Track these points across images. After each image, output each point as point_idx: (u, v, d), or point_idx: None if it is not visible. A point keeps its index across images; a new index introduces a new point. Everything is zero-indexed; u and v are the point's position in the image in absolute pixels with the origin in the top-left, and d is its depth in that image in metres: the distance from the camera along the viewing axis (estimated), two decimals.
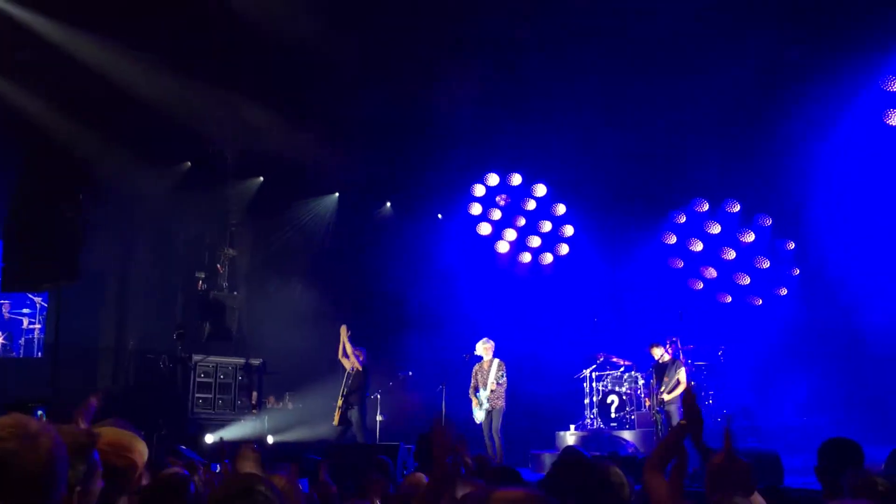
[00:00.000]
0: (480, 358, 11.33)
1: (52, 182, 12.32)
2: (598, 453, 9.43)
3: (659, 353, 11.03)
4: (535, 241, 15.70)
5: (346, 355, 11.47)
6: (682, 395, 3.78)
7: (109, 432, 2.64)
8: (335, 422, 11.22)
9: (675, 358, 11.03)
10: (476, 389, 11.04)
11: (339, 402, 11.25)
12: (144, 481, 3.46)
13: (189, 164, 14.18)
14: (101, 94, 11.97)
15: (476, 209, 15.67)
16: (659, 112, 12.82)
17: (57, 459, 1.84)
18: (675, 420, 10.30)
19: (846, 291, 12.72)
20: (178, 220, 13.71)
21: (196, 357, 13.12)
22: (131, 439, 2.80)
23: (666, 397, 10.63)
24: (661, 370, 10.91)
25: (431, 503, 2.86)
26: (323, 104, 13.28)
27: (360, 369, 11.31)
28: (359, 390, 11.28)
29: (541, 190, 15.48)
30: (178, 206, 13.59)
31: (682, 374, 10.73)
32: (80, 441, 2.16)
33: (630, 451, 11.31)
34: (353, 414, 11.16)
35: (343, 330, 11.50)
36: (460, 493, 3.33)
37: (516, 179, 15.51)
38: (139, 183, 13.22)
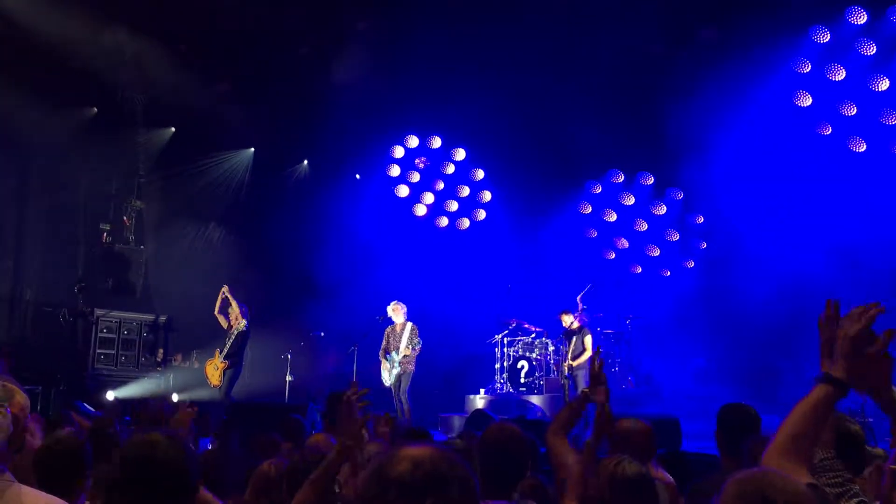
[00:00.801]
0: (393, 320, 11.28)
1: None
2: (506, 417, 9.55)
3: (569, 321, 11.26)
4: (452, 206, 15.68)
5: (223, 312, 11.04)
6: (589, 361, 3.85)
7: None
8: (215, 382, 10.79)
9: (582, 325, 11.27)
10: (387, 352, 10.98)
11: (219, 362, 10.83)
12: (31, 436, 3.29)
13: (95, 109, 13.51)
14: (2, 33, 11.26)
15: (395, 171, 15.53)
16: (579, 82, 12.92)
17: None
18: (581, 386, 10.60)
19: (748, 266, 13.18)
20: (81, 169, 13.07)
21: (98, 312, 12.66)
22: (22, 397, 2.67)
23: (573, 363, 10.87)
24: (570, 337, 11.16)
25: (340, 463, 2.83)
26: (240, 58, 12.87)
27: (244, 329, 10.90)
28: (240, 352, 10.89)
29: (460, 154, 15.44)
30: (82, 153, 12.96)
31: (588, 341, 10.98)
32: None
33: (538, 415, 11.50)
34: (228, 374, 10.78)
35: (225, 289, 11.07)
36: (368, 453, 3.30)
37: (436, 142, 15.42)
38: (41, 126, 12.51)
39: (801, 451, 2.09)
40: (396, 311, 11.22)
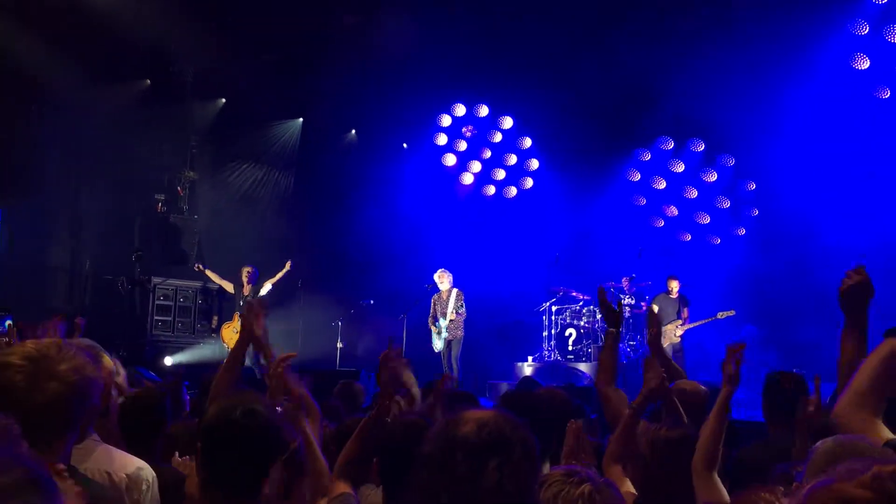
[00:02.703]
0: (439, 288, 11.46)
1: (3, 97, 11.89)
2: (554, 384, 9.61)
3: (676, 287, 11.46)
4: (499, 174, 15.65)
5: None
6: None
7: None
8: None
9: (682, 294, 11.63)
10: (435, 319, 11.17)
11: (238, 326, 11.08)
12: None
13: (148, 82, 13.75)
14: (55, 7, 11.49)
15: (442, 139, 15.54)
16: (628, 48, 12.73)
17: (70, 398, 1.86)
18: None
19: (801, 232, 12.96)
20: (136, 140, 13.33)
21: (155, 279, 12.98)
22: (106, 359, 2.81)
23: (680, 331, 11.11)
24: (675, 304, 11.47)
25: (376, 418, 2.99)
26: (288, 27, 12.94)
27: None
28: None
29: (507, 122, 15.37)
30: (136, 125, 13.21)
31: (686, 312, 11.21)
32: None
33: (585, 382, 11.54)
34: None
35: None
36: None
37: (483, 111, 15.36)
38: (96, 100, 12.78)
39: (872, 403, 2.13)
40: (442, 279, 11.42)
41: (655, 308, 11.01)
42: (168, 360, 11.87)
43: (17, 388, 1.85)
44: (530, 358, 12.90)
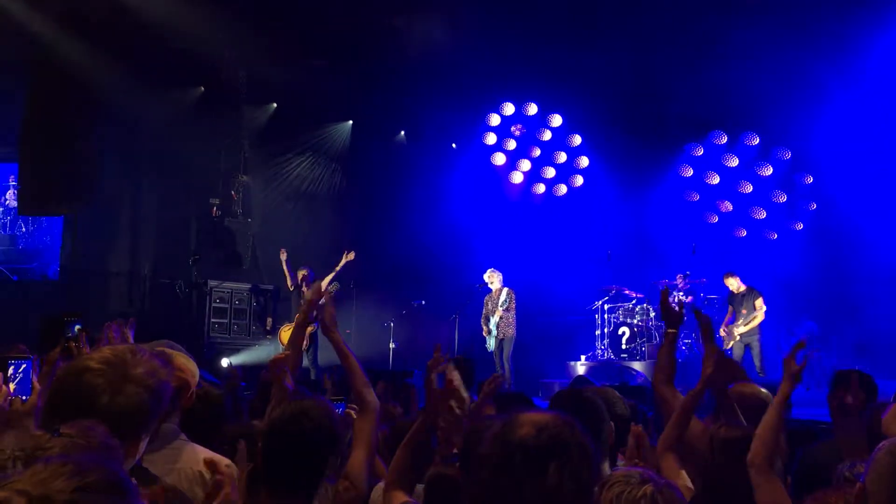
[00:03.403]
0: (490, 288, 11.47)
1: (64, 106, 12.24)
2: (607, 383, 9.54)
3: (735, 284, 11.18)
4: (549, 172, 15.56)
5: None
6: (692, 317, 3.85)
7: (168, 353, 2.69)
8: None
9: (751, 287, 11.26)
10: (487, 318, 11.17)
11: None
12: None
13: (202, 89, 14.03)
14: (110, 17, 11.78)
15: (491, 139, 15.51)
16: (679, 42, 12.56)
17: (148, 400, 1.93)
18: (757, 351, 10.63)
19: (860, 227, 12.63)
20: (191, 146, 13.62)
21: (212, 283, 13.24)
22: (185, 360, 2.88)
23: (745, 328, 10.84)
24: (739, 300, 11.19)
25: (423, 428, 2.94)
26: (336, 31, 13.07)
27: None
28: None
29: (556, 120, 15.27)
30: (191, 131, 13.49)
31: (759, 303, 10.95)
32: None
33: (640, 381, 11.42)
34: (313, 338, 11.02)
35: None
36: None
37: (532, 109, 15.29)
38: (151, 107, 13.09)
39: None
40: (492, 279, 11.44)
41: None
42: (224, 362, 12.09)
43: (98, 392, 1.91)
44: (583, 357, 12.82)
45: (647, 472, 1.81)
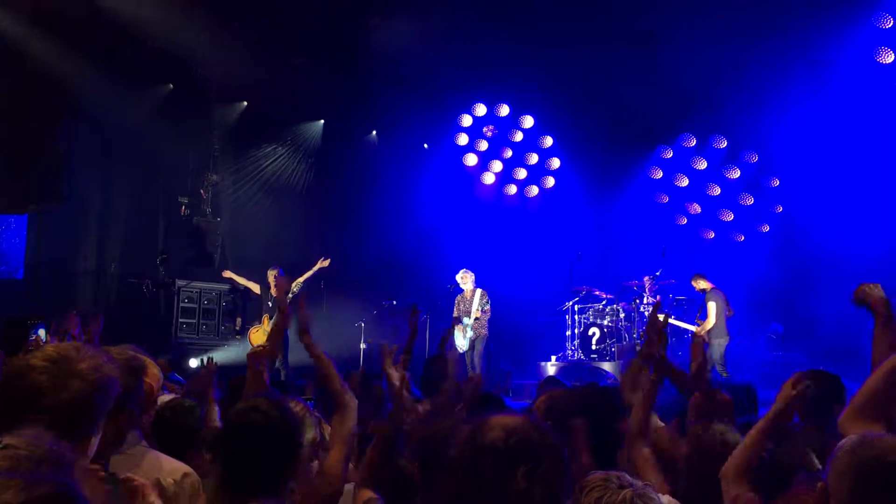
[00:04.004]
0: (462, 289, 11.49)
1: (32, 104, 12.05)
2: (578, 383, 9.58)
3: (702, 286, 11.25)
4: (521, 173, 15.63)
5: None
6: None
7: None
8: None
9: (712, 289, 11.25)
10: (460, 319, 11.19)
11: (268, 328, 11.19)
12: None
13: (171, 86, 13.87)
14: (80, 14, 11.62)
15: (463, 139, 15.54)
16: (649, 45, 12.67)
17: (93, 395, 1.91)
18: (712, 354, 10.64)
19: (826, 229, 12.84)
20: (160, 144, 13.47)
21: (180, 282, 13.09)
22: (148, 364, 2.85)
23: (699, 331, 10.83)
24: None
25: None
26: (308, 30, 13.00)
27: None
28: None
29: (528, 121, 15.34)
30: (160, 129, 13.34)
31: (709, 307, 10.94)
32: (134, 364, 2.22)
33: (609, 381, 11.49)
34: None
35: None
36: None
37: (504, 110, 15.35)
38: (120, 105, 12.93)
39: (877, 408, 2.11)
40: (465, 279, 11.47)
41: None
42: (193, 363, 11.96)
43: (43, 388, 1.90)
44: (554, 357, 12.88)
45: (625, 477, 1.82)
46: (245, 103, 14.59)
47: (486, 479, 1.67)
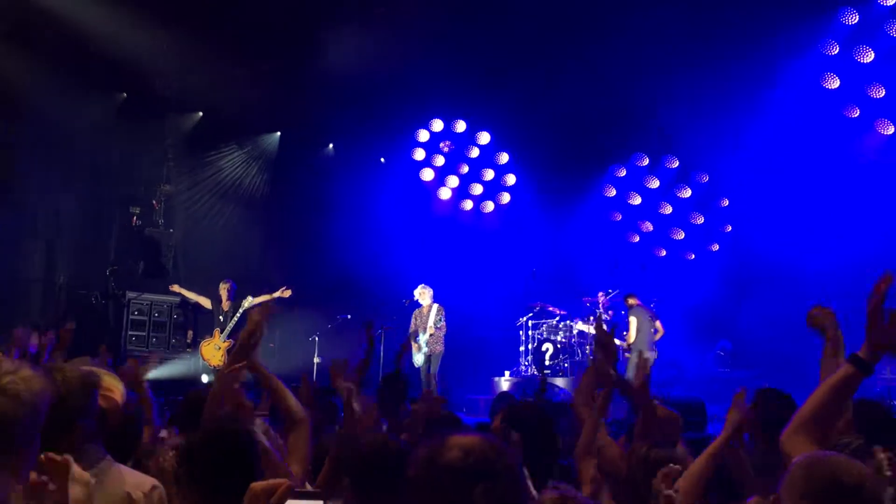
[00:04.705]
0: (420, 304, 11.50)
1: None
2: (525, 397, 9.66)
3: (630, 303, 11.59)
4: (477, 189, 15.73)
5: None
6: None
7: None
8: (217, 363, 11.00)
9: (639, 305, 11.74)
10: (416, 334, 11.20)
11: (220, 342, 11.17)
12: None
13: (125, 95, 13.67)
14: (31, 19, 11.42)
15: (420, 154, 15.58)
16: (603, 66, 12.89)
17: (16, 410, 1.87)
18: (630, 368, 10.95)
19: (774, 249, 13.15)
20: (112, 153, 13.25)
21: (130, 294, 12.86)
22: (111, 379, 2.81)
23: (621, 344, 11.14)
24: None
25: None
26: (264, 42, 12.95)
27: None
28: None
29: (485, 138, 15.46)
30: (112, 137, 13.13)
31: (631, 324, 11.23)
32: (87, 380, 2.20)
33: (562, 397, 11.59)
34: None
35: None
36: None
37: (461, 126, 15.44)
38: (72, 112, 12.68)
39: (818, 429, 2.17)
40: (423, 295, 11.49)
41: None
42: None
43: None
44: (507, 373, 12.94)
45: (579, 496, 1.85)
46: (200, 114, 14.45)
47: (445, 499, 1.69)
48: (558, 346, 12.79)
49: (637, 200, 15.05)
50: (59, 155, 13.19)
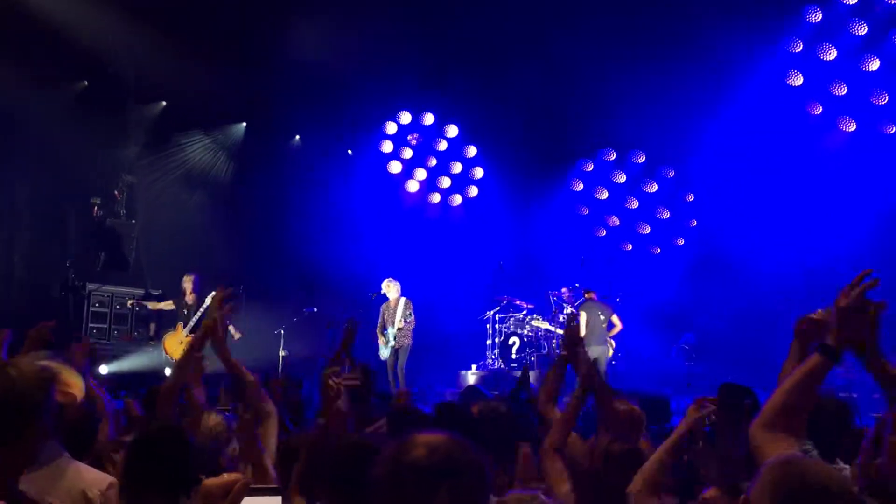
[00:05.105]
0: (387, 297, 11.44)
1: None
2: (497, 392, 9.66)
3: (586, 297, 11.83)
4: (444, 182, 15.70)
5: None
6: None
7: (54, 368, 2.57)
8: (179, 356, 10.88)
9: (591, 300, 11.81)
10: (384, 328, 11.15)
11: (183, 336, 10.95)
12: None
13: (86, 83, 13.38)
14: None
15: (387, 147, 15.49)
16: (572, 60, 12.93)
17: None
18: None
19: (738, 244, 13.32)
20: (72, 142, 12.96)
21: (90, 286, 12.62)
22: (70, 375, 2.76)
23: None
24: None
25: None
26: (230, 31, 12.79)
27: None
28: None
29: (453, 131, 15.42)
30: (72, 126, 12.84)
31: (581, 318, 11.22)
32: (44, 376, 2.15)
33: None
34: None
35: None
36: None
37: (429, 119, 15.38)
38: (30, 101, 12.39)
39: (791, 421, 2.17)
40: (390, 288, 11.43)
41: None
42: (104, 369, 11.54)
43: None
44: (474, 366, 12.95)
45: (542, 496, 1.82)
46: (164, 103, 14.18)
47: (410, 498, 1.65)
48: (525, 339, 12.82)
49: (604, 195, 15.14)
50: (15, 144, 12.89)
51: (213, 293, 9.94)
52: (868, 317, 2.13)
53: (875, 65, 12.19)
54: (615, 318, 11.68)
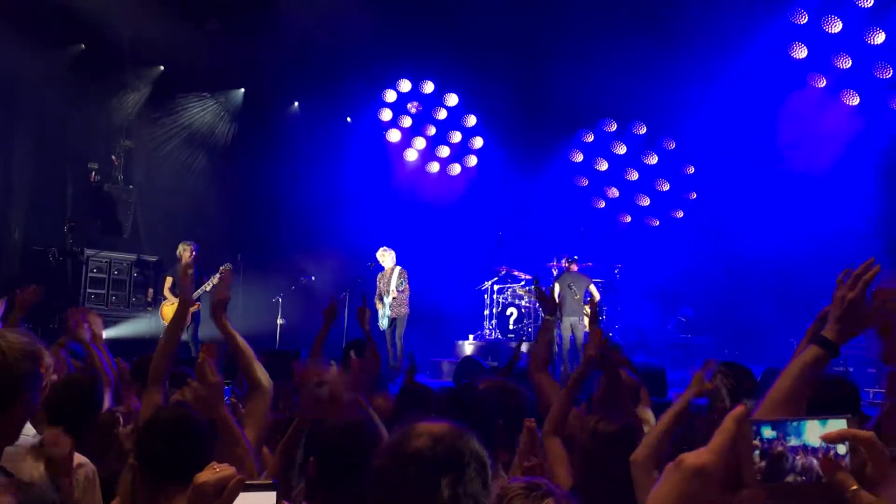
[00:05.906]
0: (383, 266, 11.44)
1: None
2: (495, 363, 9.71)
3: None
4: (444, 151, 15.60)
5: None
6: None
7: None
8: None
9: (566, 271, 11.79)
10: (380, 297, 11.16)
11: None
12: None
13: (83, 46, 13.23)
14: None
15: (386, 115, 15.38)
16: (574, 30, 12.81)
17: None
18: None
19: (737, 217, 13.30)
20: (69, 106, 12.84)
21: (88, 251, 12.60)
22: (39, 349, 2.72)
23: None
24: None
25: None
26: None
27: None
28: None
29: (453, 99, 15.29)
30: (69, 91, 12.72)
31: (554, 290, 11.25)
32: (30, 349, 2.13)
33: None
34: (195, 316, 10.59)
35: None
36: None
37: (429, 87, 15.25)
38: (25, 64, 12.24)
39: (788, 411, 2.16)
40: (385, 257, 11.43)
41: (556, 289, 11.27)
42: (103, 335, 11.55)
43: None
44: (471, 336, 12.99)
45: (547, 484, 1.81)
46: (162, 68, 14.03)
47: (411, 488, 1.65)
48: (522, 310, 12.84)
49: (604, 166, 15.06)
50: (12, 108, 12.78)
51: (222, 269, 9.88)
52: (870, 308, 2.10)
53: (881, 38, 12.06)
54: (592, 288, 11.56)
